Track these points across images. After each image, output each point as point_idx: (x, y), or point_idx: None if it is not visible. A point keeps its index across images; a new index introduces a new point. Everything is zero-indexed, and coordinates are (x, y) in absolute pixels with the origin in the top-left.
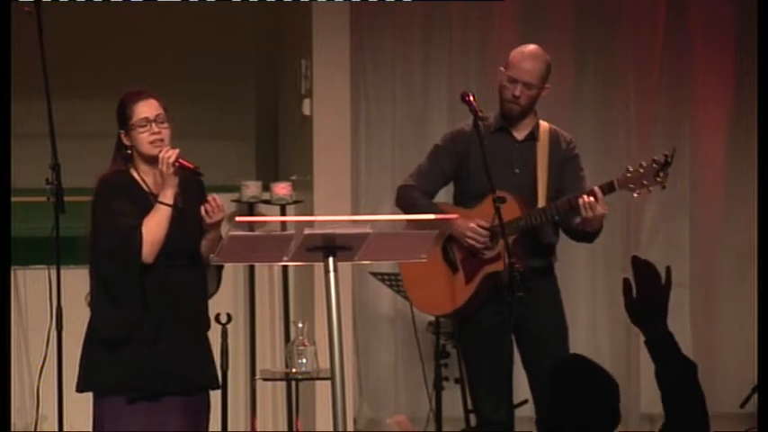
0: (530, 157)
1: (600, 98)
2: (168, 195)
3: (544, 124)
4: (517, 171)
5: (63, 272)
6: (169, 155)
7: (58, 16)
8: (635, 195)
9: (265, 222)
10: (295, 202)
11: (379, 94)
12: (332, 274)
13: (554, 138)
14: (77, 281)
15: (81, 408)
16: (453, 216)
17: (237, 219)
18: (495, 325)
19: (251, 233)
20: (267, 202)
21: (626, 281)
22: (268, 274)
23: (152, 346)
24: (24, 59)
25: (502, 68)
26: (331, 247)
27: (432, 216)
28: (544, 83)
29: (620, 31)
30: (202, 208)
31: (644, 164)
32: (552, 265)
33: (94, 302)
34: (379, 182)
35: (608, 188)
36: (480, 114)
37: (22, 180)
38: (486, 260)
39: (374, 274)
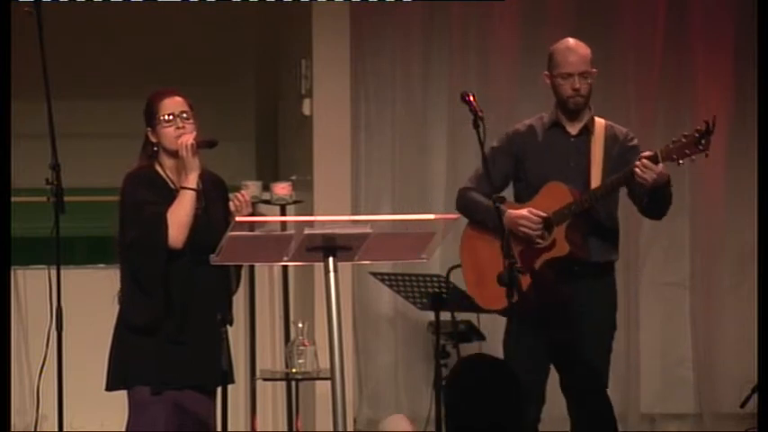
0: (584, 150)
1: (600, 98)
2: (191, 180)
3: (599, 120)
4: (572, 164)
5: (63, 272)
6: (186, 138)
7: (58, 16)
8: (679, 164)
9: (265, 222)
10: (295, 202)
11: (378, 94)
12: (332, 274)
13: (610, 132)
14: (77, 281)
15: (81, 408)
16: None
17: (237, 219)
18: (537, 326)
19: (251, 233)
20: (267, 202)
21: None
22: (268, 274)
23: (177, 340)
24: (24, 59)
25: (546, 72)
26: (331, 247)
27: (431, 216)
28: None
29: (620, 31)
30: (231, 203)
31: (686, 134)
32: (612, 263)
33: (124, 296)
34: (379, 182)
35: (653, 160)
36: (480, 114)
37: (22, 180)
38: (543, 248)
39: (374, 274)
